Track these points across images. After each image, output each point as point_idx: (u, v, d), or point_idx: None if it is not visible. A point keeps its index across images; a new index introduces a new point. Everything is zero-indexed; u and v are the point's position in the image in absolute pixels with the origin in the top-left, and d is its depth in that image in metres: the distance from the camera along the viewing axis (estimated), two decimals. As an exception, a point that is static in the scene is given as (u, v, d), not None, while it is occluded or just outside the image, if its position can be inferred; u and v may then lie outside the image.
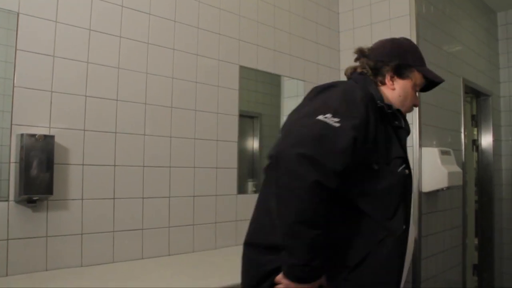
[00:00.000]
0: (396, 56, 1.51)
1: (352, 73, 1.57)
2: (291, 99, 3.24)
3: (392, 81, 1.52)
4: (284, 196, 1.18)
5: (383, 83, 1.52)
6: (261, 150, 3.03)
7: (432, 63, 3.39)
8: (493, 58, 4.83)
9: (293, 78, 3.21)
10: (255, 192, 2.90)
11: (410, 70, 1.53)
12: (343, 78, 3.24)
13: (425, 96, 3.24)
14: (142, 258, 2.24)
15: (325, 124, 1.20)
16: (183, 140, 2.46)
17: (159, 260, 2.25)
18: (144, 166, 2.27)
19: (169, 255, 2.35)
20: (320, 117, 1.21)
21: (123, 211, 2.18)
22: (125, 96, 2.21)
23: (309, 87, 3.31)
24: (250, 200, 2.82)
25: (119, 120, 2.18)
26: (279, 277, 1.26)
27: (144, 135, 2.28)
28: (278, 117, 3.17)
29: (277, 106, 3.17)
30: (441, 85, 1.70)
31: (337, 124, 1.20)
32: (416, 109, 3.13)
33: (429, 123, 3.30)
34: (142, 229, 2.25)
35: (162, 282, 1.85)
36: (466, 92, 4.08)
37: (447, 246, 3.42)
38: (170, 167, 2.39)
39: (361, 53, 1.57)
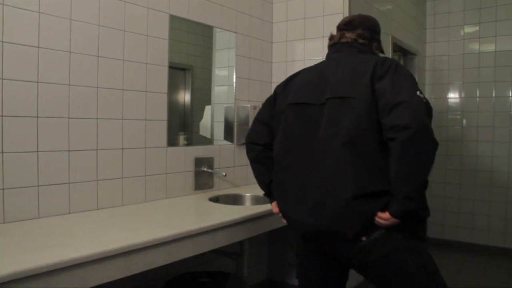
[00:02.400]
0: (377, 33, 1.96)
1: (354, 41, 1.88)
2: (223, 52, 3.20)
3: (377, 52, 1.95)
4: (425, 157, 1.54)
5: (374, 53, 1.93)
6: (192, 103, 3.00)
7: (362, 20, 3.46)
8: (420, 19, 5.01)
9: (225, 30, 3.15)
10: (187, 145, 2.88)
11: (380, 46, 1.99)
12: (276, 30, 3.38)
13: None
14: (69, 213, 2.18)
15: (424, 99, 1.59)
16: (110, 90, 2.37)
17: (87, 214, 2.21)
18: (69, 118, 2.17)
19: (97, 209, 2.31)
20: (418, 93, 1.58)
21: (47, 164, 2.09)
22: (47, 43, 2.07)
23: (241, 40, 3.32)
24: (181, 153, 2.81)
25: (41, 69, 2.05)
26: (385, 216, 1.58)
27: (69, 85, 2.17)
28: (210, 69, 3.13)
29: (209, 59, 3.12)
30: None
31: (425, 100, 1.59)
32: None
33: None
34: (69, 183, 2.18)
35: (89, 236, 1.82)
36: (394, 50, 4.23)
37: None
38: (97, 118, 2.30)
39: (351, 24, 1.91)
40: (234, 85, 3.26)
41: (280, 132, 1.87)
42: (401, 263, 1.62)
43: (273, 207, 2.00)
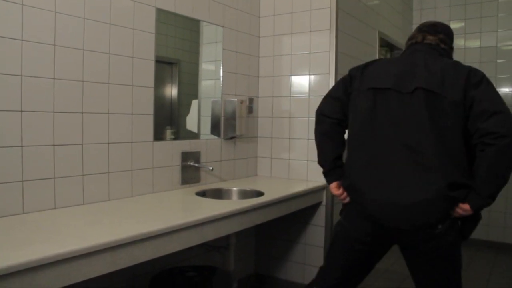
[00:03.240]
0: (453, 41, 2.09)
1: (437, 45, 2.00)
2: (210, 46, 3.19)
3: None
4: (509, 162, 1.72)
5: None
6: (179, 98, 2.98)
7: (350, 15, 3.47)
8: (407, 14, 5.03)
9: (212, 24, 3.14)
10: (173, 139, 2.87)
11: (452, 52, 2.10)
12: (263, 24, 3.38)
13: (343, 47, 3.33)
14: (55, 208, 2.16)
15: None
16: (96, 84, 2.34)
17: (73, 209, 2.19)
18: (54, 112, 2.15)
19: (83, 204, 2.29)
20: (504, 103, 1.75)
21: (32, 159, 2.06)
22: (31, 36, 2.04)
23: (228, 34, 3.32)
24: (168, 147, 2.80)
25: (25, 63, 2.02)
26: (466, 207, 1.77)
27: (54, 79, 2.14)
28: (196, 64, 3.11)
29: (196, 53, 3.11)
30: (357, 37, 1.92)
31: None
32: (333, 59, 3.22)
33: (345, 73, 3.40)
34: (54, 178, 2.15)
35: (75, 231, 1.80)
36: (381, 45, 4.25)
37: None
38: (82, 112, 2.28)
39: (435, 29, 2.06)
40: (221, 79, 3.25)
41: (361, 112, 1.95)
42: (454, 253, 1.88)
43: (332, 188, 2.08)
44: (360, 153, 1.95)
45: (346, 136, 2.11)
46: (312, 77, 3.35)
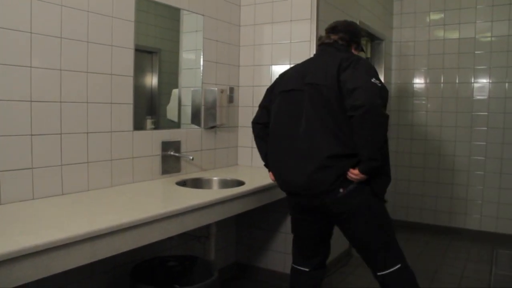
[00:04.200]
0: (357, 36, 2.44)
1: (335, 42, 2.34)
2: (190, 34, 3.16)
3: (356, 51, 2.42)
4: (378, 128, 2.03)
5: (350, 52, 2.37)
6: (160, 87, 2.96)
7: (331, 5, 3.48)
8: (387, 4, 5.06)
9: (192, 12, 3.11)
10: (154, 129, 2.85)
11: (359, 46, 2.47)
12: (244, 13, 3.40)
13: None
14: (33, 199, 2.13)
15: (379, 84, 2.05)
16: (74, 73, 2.31)
17: (51, 199, 2.17)
18: (31, 101, 2.11)
19: (62, 194, 2.27)
20: (373, 80, 2.04)
21: (9, 149, 2.03)
22: (6, 23, 1.99)
23: (209, 23, 3.29)
24: (148, 137, 2.79)
25: None
26: (355, 172, 2.07)
27: (30, 67, 2.10)
28: (177, 53, 3.09)
29: (176, 42, 3.08)
30: None
31: (380, 84, 2.05)
32: (313, 49, 3.23)
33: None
34: (32, 168, 2.12)
35: (54, 222, 1.79)
36: (362, 36, 4.25)
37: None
38: (60, 102, 2.25)
39: (335, 29, 2.37)
40: (202, 68, 3.23)
41: (274, 113, 2.36)
42: (368, 211, 2.17)
43: (270, 175, 2.48)
44: (272, 146, 2.36)
45: None
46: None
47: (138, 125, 2.73)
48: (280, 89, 2.36)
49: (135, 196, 2.37)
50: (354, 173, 2.08)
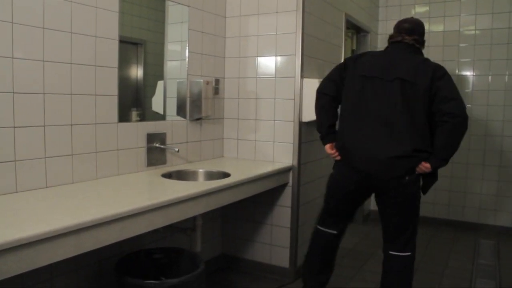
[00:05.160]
0: (424, 35, 2.71)
1: (413, 44, 2.62)
2: (175, 26, 3.14)
3: (422, 49, 2.71)
4: (461, 136, 2.40)
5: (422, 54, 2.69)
6: (145, 79, 2.94)
7: (315, -4, 3.47)
8: (372, -4, 5.06)
9: (178, 3, 3.09)
10: (139, 121, 2.83)
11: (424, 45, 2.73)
12: (229, 4, 3.36)
13: (309, 29, 3.33)
14: (16, 192, 2.11)
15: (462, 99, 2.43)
16: (57, 64, 2.28)
17: (35, 192, 2.14)
18: (13, 93, 2.08)
19: (46, 187, 2.25)
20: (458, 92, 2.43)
21: (-9, 141, 2.00)
22: (-12, 13, 1.96)
23: (194, 13, 3.28)
24: (133, 129, 2.77)
25: (-19, 41, 1.95)
26: (427, 165, 2.46)
27: (12, 58, 2.07)
28: (162, 44, 3.06)
29: (161, 33, 3.05)
30: (324, 19, 2.05)
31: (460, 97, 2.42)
32: (299, 40, 3.23)
33: (311, 55, 3.42)
34: (15, 161, 2.10)
35: (38, 215, 1.77)
36: (347, 28, 4.27)
37: (324, 173, 3.69)
38: (44, 93, 2.22)
39: (413, 32, 2.63)
40: (187, 60, 3.21)
41: (354, 92, 2.58)
42: (415, 202, 2.56)
43: (327, 148, 2.73)
44: (350, 123, 2.58)
45: (339, 110, 2.73)
46: (279, 58, 3.35)
47: (123, 117, 2.70)
48: (359, 73, 2.58)
49: (120, 189, 2.36)
50: (425, 166, 2.46)
